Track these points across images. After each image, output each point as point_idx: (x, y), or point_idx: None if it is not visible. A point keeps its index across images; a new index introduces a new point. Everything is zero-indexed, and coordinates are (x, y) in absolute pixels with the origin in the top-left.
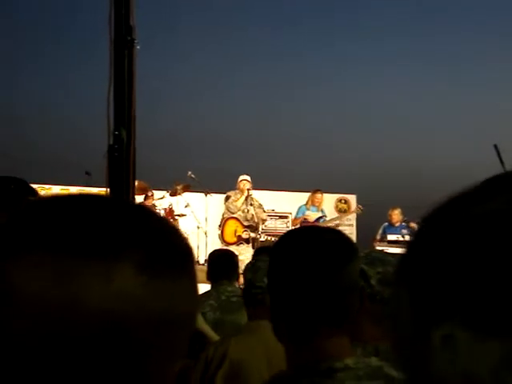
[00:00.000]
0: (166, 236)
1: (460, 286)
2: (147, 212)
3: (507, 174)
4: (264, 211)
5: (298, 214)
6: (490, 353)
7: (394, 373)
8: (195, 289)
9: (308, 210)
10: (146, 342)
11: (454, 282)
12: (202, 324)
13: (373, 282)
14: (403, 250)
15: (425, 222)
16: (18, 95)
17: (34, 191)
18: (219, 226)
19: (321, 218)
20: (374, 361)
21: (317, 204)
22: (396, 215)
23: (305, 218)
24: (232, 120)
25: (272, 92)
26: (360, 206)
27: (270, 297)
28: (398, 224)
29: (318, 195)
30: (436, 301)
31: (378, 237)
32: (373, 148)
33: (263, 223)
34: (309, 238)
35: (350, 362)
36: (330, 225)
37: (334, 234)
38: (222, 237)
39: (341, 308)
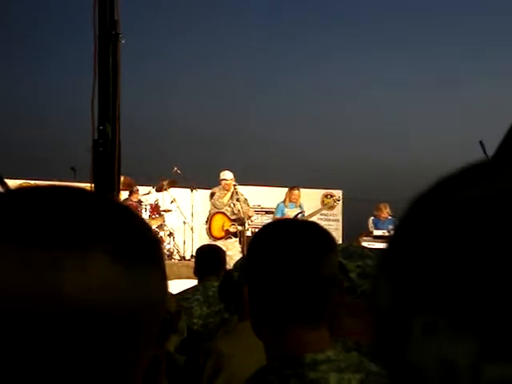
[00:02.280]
0: (136, 227)
1: (441, 275)
2: (115, 203)
3: (488, 161)
4: (248, 205)
5: (277, 212)
6: (468, 344)
7: (373, 367)
8: (165, 277)
9: (286, 207)
10: (123, 331)
11: (435, 271)
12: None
13: (352, 275)
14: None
15: (407, 210)
16: (1, 90)
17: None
18: (206, 221)
19: (299, 213)
20: (355, 356)
21: (294, 200)
22: (385, 210)
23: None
24: (218, 115)
25: (258, 86)
26: (334, 198)
27: (248, 291)
28: (385, 219)
29: (295, 191)
30: (418, 289)
31: (371, 230)
32: (358, 144)
33: (249, 219)
34: (286, 230)
35: (331, 354)
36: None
37: (312, 227)
38: (209, 232)
39: (320, 300)
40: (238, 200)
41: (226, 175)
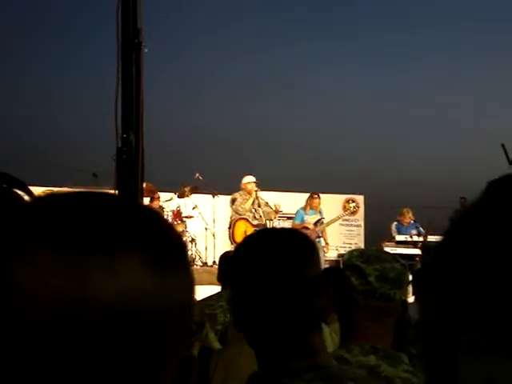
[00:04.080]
0: (165, 231)
1: (485, 296)
2: (144, 208)
3: None
4: (270, 207)
5: (296, 218)
6: (509, 366)
7: (391, 371)
8: (193, 280)
9: (306, 214)
10: (151, 332)
11: (479, 293)
12: (213, 343)
13: (371, 279)
14: (435, 248)
15: (452, 228)
16: (24, 97)
17: (22, 184)
18: (229, 227)
19: (319, 220)
20: (372, 359)
21: (314, 207)
22: (408, 215)
23: (304, 226)
24: (238, 121)
25: (278, 91)
26: (355, 204)
27: (233, 305)
28: (408, 224)
29: (316, 200)
30: (463, 308)
31: (394, 235)
32: (381, 149)
33: (274, 218)
34: (266, 241)
35: (320, 360)
36: (327, 227)
37: (292, 234)
38: (232, 238)
39: (306, 305)
40: (259, 206)
41: (249, 179)
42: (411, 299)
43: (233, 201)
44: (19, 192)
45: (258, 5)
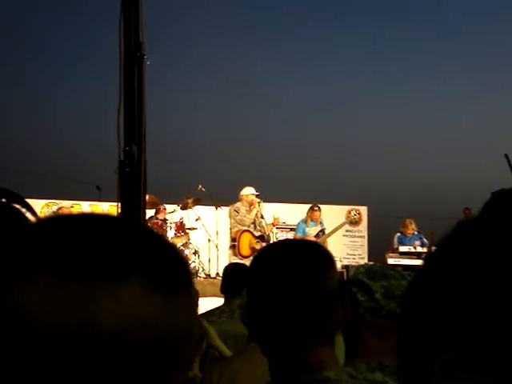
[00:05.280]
0: (169, 255)
1: (463, 319)
2: (149, 231)
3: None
4: (266, 223)
5: (298, 231)
6: None
7: None
8: (196, 305)
9: (307, 226)
10: (156, 358)
11: (457, 315)
12: (216, 339)
13: (377, 296)
14: (415, 272)
15: (439, 246)
16: (27, 110)
17: (21, 199)
18: (234, 239)
19: (320, 231)
20: (379, 376)
21: (315, 219)
22: (411, 226)
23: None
24: (241, 132)
25: (278, 103)
26: (355, 212)
27: (247, 311)
28: (411, 235)
29: (316, 212)
30: (439, 329)
31: (395, 247)
32: (384, 160)
33: (270, 231)
34: (284, 251)
35: (331, 374)
36: (328, 238)
37: (310, 246)
38: (238, 251)
39: (320, 318)
40: (262, 217)
41: (250, 191)
42: None
43: (236, 211)
44: (18, 206)
45: (258, 17)
